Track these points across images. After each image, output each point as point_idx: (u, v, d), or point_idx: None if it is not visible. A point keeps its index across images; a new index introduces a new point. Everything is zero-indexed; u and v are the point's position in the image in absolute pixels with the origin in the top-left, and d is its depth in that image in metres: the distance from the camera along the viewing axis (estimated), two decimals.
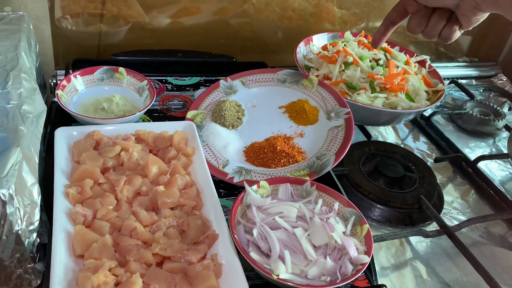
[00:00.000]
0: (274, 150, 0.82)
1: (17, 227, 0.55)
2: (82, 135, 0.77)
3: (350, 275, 0.60)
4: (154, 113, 0.92)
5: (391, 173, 0.92)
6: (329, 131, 0.85)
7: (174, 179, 0.71)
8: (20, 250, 0.57)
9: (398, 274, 0.77)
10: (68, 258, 0.59)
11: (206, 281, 0.58)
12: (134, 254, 0.60)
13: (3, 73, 0.70)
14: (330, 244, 0.63)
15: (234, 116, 0.89)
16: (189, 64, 1.07)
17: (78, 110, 0.85)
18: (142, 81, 0.91)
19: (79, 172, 0.69)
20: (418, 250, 0.82)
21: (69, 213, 0.64)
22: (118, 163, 0.74)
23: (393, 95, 0.96)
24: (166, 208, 0.67)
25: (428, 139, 1.12)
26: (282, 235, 0.63)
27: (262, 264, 0.61)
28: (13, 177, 0.55)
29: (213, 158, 0.82)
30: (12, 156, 0.57)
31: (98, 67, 0.92)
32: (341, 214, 0.70)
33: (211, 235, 0.65)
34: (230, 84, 0.96)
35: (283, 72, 0.96)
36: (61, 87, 0.85)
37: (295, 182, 0.73)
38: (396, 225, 0.85)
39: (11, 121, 0.62)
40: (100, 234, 0.62)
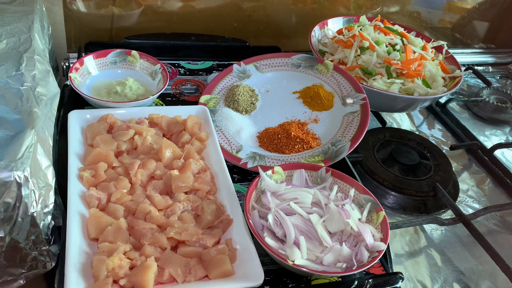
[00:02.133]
0: (288, 136, 0.81)
1: (32, 209, 0.55)
2: (96, 118, 0.76)
3: (366, 262, 0.59)
4: (167, 97, 0.92)
5: (406, 160, 0.91)
6: (344, 117, 0.84)
7: (188, 163, 0.70)
8: (35, 233, 0.57)
9: (413, 262, 0.76)
10: (82, 241, 0.59)
11: (221, 265, 0.58)
12: (149, 238, 0.59)
13: (17, 54, 0.69)
14: (346, 231, 0.63)
15: (247, 101, 0.88)
16: (202, 48, 1.06)
17: (91, 93, 0.84)
18: (155, 65, 0.90)
19: (93, 155, 0.68)
20: (433, 238, 0.81)
21: (83, 196, 0.64)
22: (132, 146, 0.73)
23: (410, 81, 0.95)
24: (180, 193, 0.67)
25: (444, 126, 1.11)
26: (297, 221, 0.63)
27: (277, 249, 0.60)
28: (28, 159, 0.54)
29: (226, 143, 0.82)
30: (27, 138, 0.56)
31: (111, 50, 0.91)
32: (357, 201, 0.69)
33: (225, 220, 0.64)
34: (244, 69, 0.95)
35: (297, 56, 0.95)
36: (74, 69, 0.84)
37: (310, 168, 0.72)
38: (411, 212, 0.84)
39: (25, 103, 0.62)
40: (115, 218, 0.61)
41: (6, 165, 0.52)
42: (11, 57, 0.68)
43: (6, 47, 0.70)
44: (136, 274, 0.55)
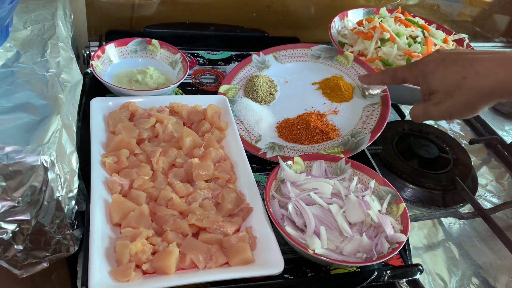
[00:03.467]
0: (308, 127, 0.81)
1: (57, 194, 0.56)
2: (117, 106, 0.77)
3: (386, 253, 0.59)
4: (186, 86, 0.92)
5: (425, 153, 0.91)
6: (364, 109, 0.84)
7: (208, 152, 0.71)
8: (60, 217, 0.58)
9: (431, 255, 0.76)
10: (105, 226, 0.60)
11: (241, 253, 0.58)
12: (171, 224, 0.60)
13: (41, 41, 0.70)
14: (366, 222, 0.63)
15: (266, 92, 0.88)
16: (221, 38, 1.06)
17: (112, 81, 0.85)
18: (176, 54, 0.91)
19: (116, 142, 0.69)
20: (451, 232, 0.81)
21: (106, 182, 0.65)
22: (153, 134, 0.74)
23: None
24: (201, 181, 0.68)
25: (462, 120, 1.10)
26: (317, 211, 0.63)
27: (297, 238, 0.61)
28: (54, 144, 0.55)
29: (245, 133, 0.82)
30: (52, 123, 0.57)
31: (132, 39, 0.91)
32: (376, 193, 0.69)
33: (245, 208, 0.65)
34: (263, 59, 0.95)
35: (317, 47, 0.95)
36: (96, 57, 0.85)
37: (330, 159, 0.72)
38: (429, 206, 0.84)
39: (50, 89, 0.63)
40: (137, 204, 0.62)
41: (34, 149, 0.53)
42: (36, 44, 0.69)
43: (31, 33, 0.71)
44: (158, 259, 0.56)
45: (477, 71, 0.59)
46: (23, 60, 0.65)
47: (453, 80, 0.61)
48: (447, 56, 0.64)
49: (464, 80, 0.60)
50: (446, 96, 0.63)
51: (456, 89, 0.61)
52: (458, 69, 0.61)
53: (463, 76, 0.60)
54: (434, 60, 0.65)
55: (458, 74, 0.61)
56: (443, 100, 0.64)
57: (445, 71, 0.62)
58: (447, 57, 0.64)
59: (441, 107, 0.64)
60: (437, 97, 0.65)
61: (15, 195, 0.52)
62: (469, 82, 0.60)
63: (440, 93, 0.64)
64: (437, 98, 0.65)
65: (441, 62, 0.64)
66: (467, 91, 0.61)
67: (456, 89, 0.61)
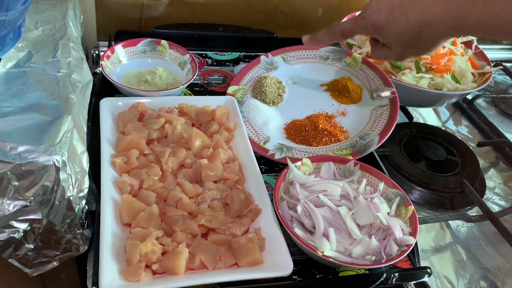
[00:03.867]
0: (316, 128, 0.81)
1: (68, 193, 0.56)
2: (127, 106, 0.77)
3: (395, 255, 0.59)
4: (195, 87, 0.92)
5: (433, 156, 0.91)
6: (372, 111, 0.84)
7: (217, 153, 0.71)
8: (71, 216, 0.58)
9: (439, 257, 0.76)
10: (115, 226, 0.60)
11: (250, 254, 0.58)
12: (181, 224, 0.60)
13: (52, 41, 0.71)
14: (375, 224, 0.63)
15: (274, 93, 0.89)
16: (229, 39, 1.06)
17: (121, 82, 0.85)
18: (185, 55, 0.91)
19: (125, 142, 0.69)
20: (459, 235, 0.81)
21: (115, 182, 0.65)
22: (162, 135, 0.74)
23: (439, 76, 0.94)
24: (210, 181, 0.68)
25: (470, 123, 1.09)
26: (326, 213, 0.63)
27: (306, 240, 0.61)
28: (65, 145, 0.56)
29: (254, 134, 0.82)
30: (64, 123, 0.58)
31: (141, 39, 0.92)
32: (385, 195, 0.69)
33: (254, 209, 0.65)
34: (271, 60, 0.95)
35: (325, 49, 0.95)
36: (105, 57, 0.85)
37: (338, 161, 0.72)
38: (436, 208, 0.83)
39: (62, 89, 0.63)
40: (147, 204, 0.63)
41: (46, 149, 0.53)
42: (47, 44, 0.70)
43: (42, 34, 0.72)
44: (168, 259, 0.56)
45: (431, 22, 0.59)
46: (35, 60, 0.66)
47: (410, 35, 0.61)
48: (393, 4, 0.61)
49: (419, 34, 0.60)
50: (404, 48, 0.64)
51: (414, 42, 0.62)
52: (411, 23, 0.60)
53: (418, 30, 0.60)
54: (381, 10, 0.63)
55: (413, 29, 0.60)
56: (402, 50, 0.65)
57: (398, 26, 0.61)
58: (394, 5, 0.61)
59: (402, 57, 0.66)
60: (394, 48, 0.65)
61: (27, 194, 0.53)
62: (424, 34, 0.60)
63: (397, 46, 0.64)
64: (395, 49, 0.65)
65: (390, 13, 0.62)
66: (425, 42, 0.61)
67: (414, 42, 0.62)
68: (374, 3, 0.64)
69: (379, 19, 0.63)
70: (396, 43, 0.64)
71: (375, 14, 0.63)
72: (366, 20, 0.65)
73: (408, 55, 0.66)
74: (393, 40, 0.64)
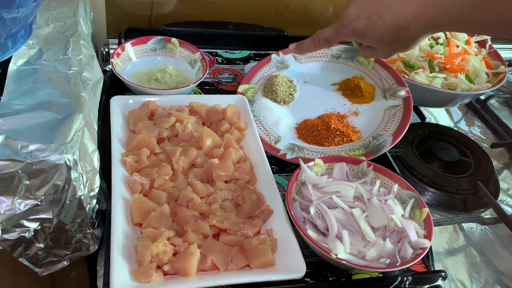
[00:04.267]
0: (328, 128, 0.80)
1: (79, 193, 0.56)
2: (137, 105, 0.77)
3: (410, 258, 0.58)
4: (205, 85, 0.91)
5: (446, 157, 0.89)
6: (385, 111, 0.82)
7: (228, 152, 0.70)
8: (81, 215, 0.57)
9: (452, 260, 0.74)
10: (126, 226, 0.59)
11: (262, 255, 0.58)
12: (192, 225, 0.60)
13: (63, 39, 0.70)
14: (389, 227, 0.62)
15: (285, 92, 0.88)
16: (240, 37, 1.05)
17: (131, 80, 0.84)
18: (195, 53, 0.90)
19: (136, 141, 0.69)
20: (472, 237, 0.79)
21: (126, 181, 0.65)
22: (173, 134, 0.74)
23: (453, 76, 0.92)
24: (221, 181, 0.67)
25: (483, 123, 1.08)
26: (339, 214, 0.62)
27: (319, 242, 0.60)
28: (77, 143, 0.55)
29: (265, 134, 0.81)
30: (75, 122, 0.57)
31: (151, 37, 0.91)
32: (399, 197, 0.68)
33: (266, 210, 0.64)
34: (282, 59, 0.94)
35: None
36: (116, 55, 0.85)
37: (351, 162, 0.71)
38: (450, 210, 0.82)
39: (73, 87, 0.62)
40: (158, 204, 0.62)
41: (57, 147, 0.53)
42: (58, 41, 0.69)
43: (53, 31, 0.71)
44: (179, 260, 0.55)
45: (408, 26, 0.60)
46: (46, 57, 0.65)
47: (390, 38, 0.63)
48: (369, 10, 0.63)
49: (399, 36, 0.62)
50: (387, 48, 0.66)
51: (395, 43, 0.63)
52: (389, 28, 0.61)
53: (397, 33, 0.61)
54: (359, 18, 0.64)
55: (392, 33, 0.62)
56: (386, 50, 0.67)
57: (377, 31, 0.63)
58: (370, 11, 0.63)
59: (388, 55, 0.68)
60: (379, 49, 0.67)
61: (38, 193, 0.52)
62: (404, 36, 0.62)
63: (381, 48, 0.66)
64: (380, 50, 0.67)
65: (368, 20, 0.63)
66: (406, 42, 0.63)
67: (395, 43, 0.63)
68: (352, 10, 0.65)
69: (358, 27, 0.64)
70: (379, 46, 0.66)
71: (354, 22, 0.65)
72: (347, 29, 0.67)
73: (393, 53, 0.68)
74: (376, 43, 0.66)
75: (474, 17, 0.55)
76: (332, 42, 0.73)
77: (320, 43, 0.74)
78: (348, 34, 0.67)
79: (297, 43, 0.79)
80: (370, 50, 0.69)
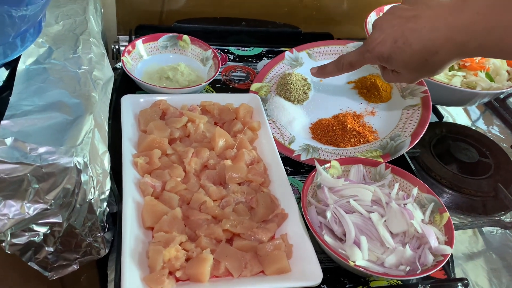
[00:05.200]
0: (344, 128, 0.77)
1: (90, 196, 0.54)
2: (148, 104, 0.75)
3: (430, 266, 0.56)
4: (217, 84, 0.90)
5: (464, 157, 0.87)
6: (403, 110, 0.80)
7: (241, 153, 0.69)
8: (92, 219, 0.56)
9: (472, 266, 0.72)
10: (137, 230, 0.58)
11: (277, 262, 0.56)
12: (205, 229, 0.58)
13: (73, 37, 0.68)
14: (409, 232, 0.59)
15: (300, 90, 0.85)
16: (252, 33, 1.03)
17: (142, 78, 0.83)
18: (207, 51, 0.88)
19: (147, 142, 0.67)
20: (492, 241, 0.77)
21: (137, 183, 0.63)
22: (185, 134, 0.72)
23: (472, 74, 0.89)
24: (234, 183, 0.65)
25: (503, 123, 1.04)
26: (357, 219, 0.60)
27: (336, 248, 0.58)
28: (87, 145, 0.54)
29: (278, 134, 0.79)
30: (86, 123, 0.56)
31: (162, 34, 0.89)
32: (418, 200, 0.65)
33: (280, 214, 0.62)
34: (296, 56, 0.92)
35: (353, 44, 0.91)
36: (126, 52, 0.83)
37: (369, 164, 0.69)
38: (469, 213, 0.80)
39: (83, 87, 0.61)
40: (170, 207, 0.60)
41: (67, 150, 0.51)
42: (67, 40, 0.68)
43: (62, 29, 0.69)
44: (192, 266, 0.54)
45: (436, 50, 0.59)
46: (55, 56, 0.64)
47: (417, 63, 0.61)
48: (396, 34, 0.61)
49: (426, 61, 0.61)
50: (413, 73, 0.64)
51: (422, 68, 0.62)
52: (416, 52, 0.60)
53: (424, 58, 0.60)
54: (385, 42, 0.63)
55: (419, 58, 0.60)
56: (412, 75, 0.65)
57: (404, 55, 0.61)
58: (397, 36, 0.61)
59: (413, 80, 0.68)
60: (404, 74, 0.66)
61: (48, 197, 0.51)
62: (431, 61, 0.60)
63: (406, 72, 0.65)
64: (405, 75, 0.66)
65: (394, 44, 0.62)
66: (433, 67, 0.62)
67: (422, 68, 0.62)
68: (377, 35, 0.64)
69: (384, 51, 0.63)
70: (404, 70, 0.64)
71: (379, 46, 0.63)
72: (371, 53, 0.65)
73: (419, 78, 0.67)
74: (401, 68, 0.64)
75: (506, 43, 0.53)
76: (355, 66, 0.72)
77: (343, 67, 0.73)
78: (372, 58, 0.66)
79: (319, 67, 0.77)
80: (394, 74, 0.67)
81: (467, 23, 0.55)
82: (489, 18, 0.53)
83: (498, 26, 0.53)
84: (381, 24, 0.64)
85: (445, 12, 0.58)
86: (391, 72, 0.68)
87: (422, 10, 0.60)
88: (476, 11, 0.54)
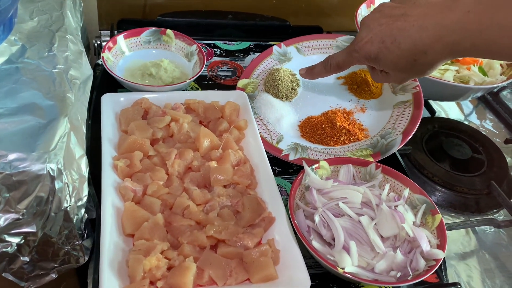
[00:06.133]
0: (333, 126, 0.75)
1: (65, 204, 0.52)
2: (130, 102, 0.72)
3: (422, 271, 0.54)
4: (202, 80, 0.86)
5: (457, 154, 0.85)
6: (394, 107, 0.77)
7: (227, 154, 0.66)
8: (69, 227, 0.54)
9: (465, 267, 0.70)
10: (117, 237, 0.55)
11: (264, 269, 0.54)
12: (188, 236, 0.56)
13: (48, 34, 0.65)
14: (400, 236, 0.57)
15: (288, 87, 0.82)
16: (239, 27, 1.00)
17: (125, 75, 0.79)
18: (192, 46, 0.85)
19: (128, 143, 0.64)
20: (485, 240, 0.75)
21: (117, 187, 0.60)
22: (168, 134, 0.69)
23: (465, 68, 0.87)
24: (219, 186, 0.63)
25: (496, 117, 1.03)
26: (346, 223, 0.58)
27: (325, 254, 0.56)
28: (61, 150, 0.51)
29: (266, 132, 0.77)
30: (60, 127, 0.53)
31: (145, 29, 0.86)
32: (409, 201, 0.63)
33: (267, 218, 0.60)
34: (284, 51, 0.89)
35: (343, 38, 0.88)
36: (107, 49, 0.80)
37: (358, 164, 0.66)
38: (461, 211, 0.78)
39: (58, 87, 0.58)
40: (151, 212, 0.58)
41: (39, 156, 0.48)
42: (42, 37, 0.64)
43: (37, 25, 0.66)
44: (174, 275, 0.51)
45: (425, 50, 0.57)
46: (29, 55, 0.60)
47: (405, 63, 0.60)
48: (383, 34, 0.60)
49: (415, 61, 0.59)
50: (402, 73, 0.64)
51: (410, 68, 0.61)
52: (404, 52, 0.59)
53: (413, 58, 0.59)
54: (372, 41, 0.61)
55: (407, 58, 0.59)
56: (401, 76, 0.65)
57: (392, 55, 0.60)
58: (385, 35, 0.60)
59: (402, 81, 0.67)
60: (392, 74, 0.65)
61: (20, 207, 0.48)
62: (420, 61, 0.59)
63: (395, 73, 0.64)
64: (393, 75, 0.65)
65: (381, 44, 0.60)
66: (422, 67, 0.61)
67: (411, 68, 0.61)
68: (364, 34, 0.63)
69: (371, 51, 0.62)
70: (393, 71, 0.63)
71: (367, 46, 0.62)
72: (359, 53, 0.64)
73: (408, 79, 0.66)
74: (389, 68, 0.63)
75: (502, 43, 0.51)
76: (343, 66, 0.71)
77: (331, 68, 0.72)
78: (360, 58, 0.65)
79: (307, 68, 0.77)
80: (383, 75, 0.66)
81: (458, 22, 0.53)
82: (481, 17, 0.51)
83: (492, 25, 0.51)
84: (369, 22, 0.62)
85: (435, 11, 0.56)
86: (380, 73, 0.67)
87: (410, 8, 0.58)
88: (467, 9, 0.52)
